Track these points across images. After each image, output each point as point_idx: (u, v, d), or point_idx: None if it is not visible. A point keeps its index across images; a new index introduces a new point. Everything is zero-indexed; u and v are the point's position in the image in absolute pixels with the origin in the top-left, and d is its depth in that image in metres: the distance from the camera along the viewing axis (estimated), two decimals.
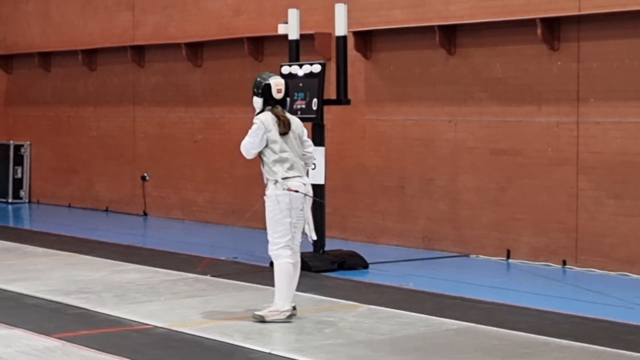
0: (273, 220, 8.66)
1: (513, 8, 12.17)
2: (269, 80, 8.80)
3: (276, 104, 8.80)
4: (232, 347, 7.82)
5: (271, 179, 8.69)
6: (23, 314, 9.17)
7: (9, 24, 20.31)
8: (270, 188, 8.69)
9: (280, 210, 8.63)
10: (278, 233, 8.64)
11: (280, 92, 8.80)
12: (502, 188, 12.44)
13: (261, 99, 8.79)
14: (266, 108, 8.79)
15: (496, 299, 9.79)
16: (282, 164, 8.69)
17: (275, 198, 8.64)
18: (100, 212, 18.15)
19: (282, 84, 8.83)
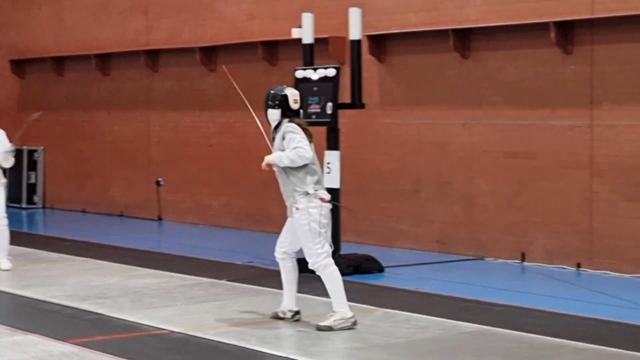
0: (310, 232, 8.51)
1: (527, 12, 12.17)
2: (285, 92, 8.71)
3: (293, 115, 8.70)
4: (249, 351, 7.83)
5: (301, 190, 8.55)
6: (39, 320, 9.18)
7: (22, 29, 20.36)
8: (302, 201, 8.53)
9: (315, 221, 8.50)
10: (319, 244, 8.52)
11: (297, 102, 8.72)
12: (516, 191, 12.43)
13: (278, 110, 8.65)
14: (284, 120, 8.66)
15: (511, 302, 9.80)
16: (312, 176, 8.59)
17: (308, 210, 8.51)
18: (115, 217, 18.18)
19: (297, 94, 8.78)
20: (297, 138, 8.49)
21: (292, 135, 8.51)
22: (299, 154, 8.44)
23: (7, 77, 20.61)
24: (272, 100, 8.69)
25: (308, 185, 8.53)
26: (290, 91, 8.74)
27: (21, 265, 12.12)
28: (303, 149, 8.45)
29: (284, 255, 8.85)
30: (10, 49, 20.56)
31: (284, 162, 8.52)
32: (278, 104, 8.65)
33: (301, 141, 8.49)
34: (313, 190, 8.53)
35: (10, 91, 20.66)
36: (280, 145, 8.61)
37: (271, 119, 8.72)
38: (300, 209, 8.52)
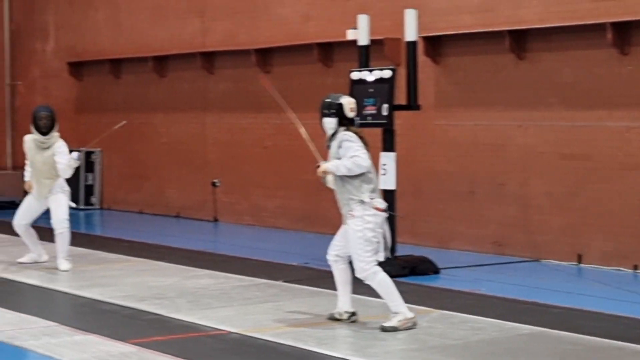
0: (363, 240, 8.50)
1: (583, 13, 12.09)
2: (340, 100, 8.71)
3: (349, 123, 8.69)
4: (306, 352, 7.87)
5: (356, 199, 8.54)
6: (98, 320, 9.29)
7: (79, 32, 20.57)
8: (357, 209, 8.53)
9: (369, 230, 8.51)
10: (368, 253, 8.52)
11: (353, 110, 8.72)
12: (572, 193, 12.36)
13: (335, 119, 8.65)
14: (340, 128, 8.67)
15: (568, 304, 9.75)
16: (368, 184, 8.59)
17: (363, 219, 8.51)
18: (171, 218, 18.31)
19: (353, 102, 8.77)
20: (354, 147, 8.52)
21: (349, 143, 8.53)
22: (356, 162, 8.46)
23: (65, 79, 20.84)
24: (328, 109, 8.70)
25: (364, 193, 8.54)
26: (346, 100, 8.75)
27: (80, 266, 12.27)
28: (360, 158, 8.47)
29: (336, 258, 8.87)
30: (68, 52, 20.79)
31: (341, 171, 8.53)
32: (334, 112, 8.66)
33: (358, 150, 8.51)
34: (369, 199, 8.54)
35: (68, 93, 20.89)
36: (336, 153, 8.63)
37: (327, 127, 8.73)
38: (355, 216, 8.53)
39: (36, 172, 12.06)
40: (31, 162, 12.10)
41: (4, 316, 9.35)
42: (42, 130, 12.00)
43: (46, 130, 12.01)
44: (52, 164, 11.96)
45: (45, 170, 11.97)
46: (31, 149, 12.09)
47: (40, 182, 12.03)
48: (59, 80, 21.09)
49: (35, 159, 12.04)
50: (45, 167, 11.97)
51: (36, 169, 12.05)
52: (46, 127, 12.00)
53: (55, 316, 9.33)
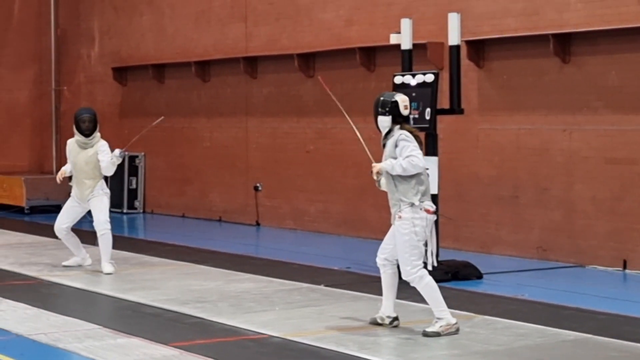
0: (410, 243, 8.46)
1: (629, 16, 11.97)
2: (395, 98, 8.65)
3: (403, 121, 8.64)
4: (348, 357, 7.84)
5: (407, 200, 8.48)
6: (141, 323, 9.33)
7: (124, 37, 20.70)
8: (406, 211, 8.46)
9: (416, 233, 8.46)
10: (415, 256, 8.47)
11: (407, 108, 8.66)
12: (618, 198, 12.23)
13: (389, 117, 8.59)
14: (395, 127, 8.61)
15: (613, 310, 9.64)
16: (420, 186, 8.52)
17: (412, 221, 8.46)
18: (214, 222, 18.36)
19: (407, 100, 8.71)
20: (411, 147, 8.45)
21: (406, 143, 8.46)
22: (412, 162, 8.39)
23: (109, 84, 20.99)
24: (382, 107, 8.65)
25: (415, 195, 8.47)
26: (400, 97, 8.69)
27: (123, 269, 12.33)
28: (417, 158, 8.41)
29: (384, 262, 8.83)
30: (112, 57, 20.93)
31: (396, 170, 8.46)
32: (389, 110, 8.60)
33: (414, 149, 8.44)
34: (419, 202, 8.47)
35: (112, 98, 21.04)
36: (392, 153, 8.56)
37: (382, 126, 8.68)
38: (403, 218, 8.47)
39: (78, 173, 12.14)
40: (73, 163, 12.19)
41: (49, 319, 9.40)
42: (84, 133, 12.11)
43: (89, 133, 12.11)
44: (95, 163, 12.05)
45: (88, 171, 12.06)
46: (74, 149, 12.19)
47: (82, 183, 12.11)
48: (104, 85, 21.24)
49: (77, 159, 12.13)
50: (87, 167, 12.06)
51: (78, 170, 12.13)
52: (89, 130, 12.10)
53: (98, 319, 9.38)
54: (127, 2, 20.63)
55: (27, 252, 14.04)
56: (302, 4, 16.51)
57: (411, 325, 8.89)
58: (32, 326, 9.03)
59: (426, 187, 8.56)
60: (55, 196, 20.19)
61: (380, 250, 8.84)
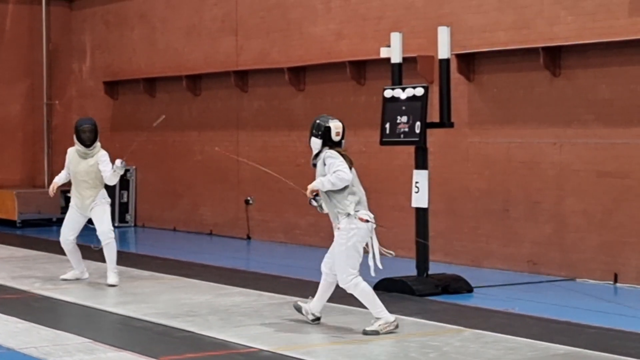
0: (346, 253, 9.03)
1: (619, 29, 12.00)
2: (328, 124, 9.21)
3: (334, 145, 9.19)
4: None
5: (343, 212, 9.02)
6: (131, 337, 9.32)
7: (115, 52, 20.72)
8: (343, 222, 9.03)
9: (352, 243, 8.99)
10: (350, 265, 9.03)
11: (339, 135, 9.24)
12: (609, 211, 12.24)
13: (320, 140, 9.20)
14: (324, 148, 9.18)
15: (604, 324, 9.62)
16: (353, 196, 9.05)
17: (348, 232, 9.00)
18: (205, 235, 18.34)
19: (340, 127, 9.27)
20: (337, 162, 9.02)
21: (332, 160, 9.06)
22: (339, 176, 8.95)
23: (100, 98, 21.00)
24: (316, 130, 9.25)
25: (349, 206, 9.01)
26: (334, 124, 9.25)
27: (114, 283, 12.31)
28: (343, 172, 8.97)
29: (328, 271, 9.41)
30: (104, 71, 20.95)
31: (326, 186, 9.06)
32: (321, 134, 9.21)
33: (340, 165, 9.00)
34: (354, 211, 8.99)
35: (104, 112, 21.02)
36: (322, 171, 9.14)
37: (313, 147, 9.31)
38: (340, 229, 9.05)
39: (78, 183, 12.10)
40: (74, 172, 12.14)
41: (39, 332, 9.37)
42: (85, 143, 12.07)
43: (89, 143, 12.07)
44: (95, 173, 12.03)
45: (88, 180, 12.03)
46: (74, 159, 12.15)
47: (83, 193, 12.08)
48: (95, 99, 21.26)
49: (77, 169, 12.09)
50: (88, 177, 12.03)
51: (78, 180, 12.09)
52: (89, 140, 12.07)
53: (89, 333, 9.33)
54: (118, 17, 20.65)
55: (18, 266, 14.01)
56: (293, 18, 16.53)
57: (402, 338, 8.87)
58: (23, 340, 9.00)
59: (360, 197, 9.10)
60: (47, 210, 20.21)
61: (325, 260, 9.43)
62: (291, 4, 16.59)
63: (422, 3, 14.34)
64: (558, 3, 12.67)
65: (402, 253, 13.96)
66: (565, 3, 12.60)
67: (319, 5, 16.06)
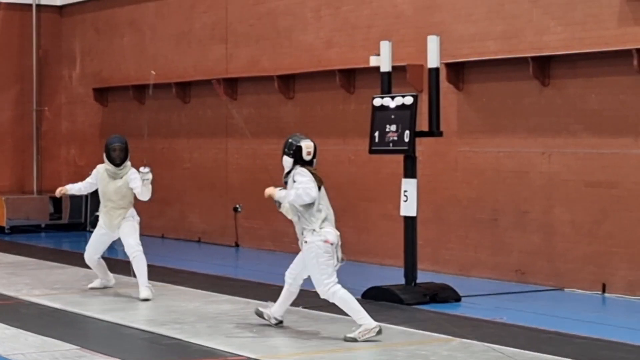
0: (318, 265, 9.18)
1: (608, 39, 12.03)
2: (300, 143, 9.38)
3: (305, 164, 9.34)
4: None
5: (309, 228, 9.21)
6: (119, 344, 9.30)
7: (105, 58, 20.71)
8: (309, 236, 9.21)
9: (321, 255, 9.14)
10: (325, 275, 9.17)
11: (310, 154, 9.41)
12: (597, 221, 12.25)
13: (292, 159, 9.38)
14: (296, 166, 9.33)
15: (592, 334, 9.62)
16: (319, 213, 9.21)
17: (316, 244, 9.16)
18: (193, 242, 18.31)
19: (312, 147, 9.45)
20: (305, 180, 9.19)
21: (300, 177, 9.23)
22: (305, 190, 9.12)
23: (90, 105, 20.99)
24: (288, 149, 9.44)
25: (315, 223, 9.20)
26: (305, 143, 9.43)
27: (102, 290, 12.31)
28: (309, 187, 9.13)
29: (292, 280, 9.68)
30: (93, 77, 20.93)
31: (288, 199, 9.24)
32: (292, 153, 9.37)
33: (308, 182, 9.17)
34: (319, 228, 9.19)
35: (93, 118, 21.03)
36: (292, 187, 9.29)
37: (285, 165, 9.48)
38: (307, 243, 9.22)
39: (107, 202, 11.83)
40: (102, 192, 11.87)
41: (27, 339, 9.34)
42: (115, 162, 11.79)
43: (119, 162, 11.80)
44: (124, 193, 11.80)
45: (117, 200, 11.77)
46: (103, 178, 11.85)
47: (112, 213, 11.82)
48: (85, 105, 21.24)
49: (107, 188, 11.82)
50: (116, 197, 11.77)
51: (107, 199, 11.83)
52: (119, 159, 11.80)
53: (76, 339, 9.30)
54: (108, 24, 20.63)
55: (6, 272, 13.98)
56: (283, 26, 16.54)
57: (390, 347, 8.86)
58: (10, 346, 8.98)
59: (326, 214, 9.28)
60: (36, 216, 20.19)
61: (290, 269, 9.68)
62: (281, 12, 16.60)
63: (412, 12, 14.36)
64: (547, 13, 12.70)
65: (390, 262, 14.03)
66: (554, 13, 12.63)
67: (309, 14, 16.07)
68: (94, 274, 12.42)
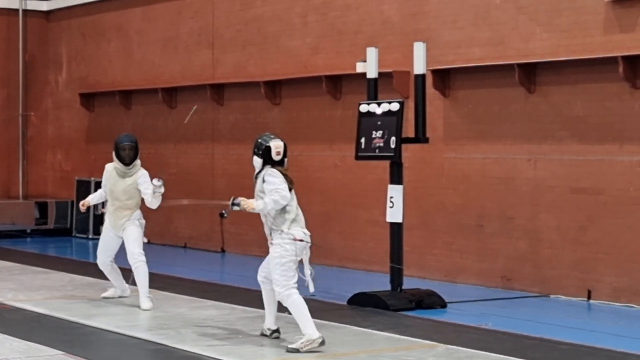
0: (279, 266, 9.13)
1: (594, 46, 12.07)
2: (269, 143, 9.27)
3: (275, 164, 9.26)
4: None
5: (277, 229, 9.19)
6: (104, 349, 9.28)
7: (91, 64, 20.68)
8: (276, 237, 9.20)
9: (284, 257, 9.12)
10: (284, 276, 9.12)
11: (279, 154, 9.30)
12: (583, 227, 12.28)
13: (261, 160, 9.27)
14: (266, 166, 9.25)
15: (577, 340, 9.64)
16: (288, 214, 9.18)
17: (282, 246, 9.14)
18: (179, 248, 18.28)
19: (281, 146, 9.33)
20: (276, 182, 9.12)
21: (271, 179, 9.15)
22: (280, 195, 9.06)
23: (76, 109, 20.96)
24: (257, 149, 9.31)
25: (284, 223, 9.16)
26: (274, 143, 9.30)
27: (87, 296, 12.26)
28: (282, 191, 9.07)
29: (264, 279, 9.57)
30: (80, 82, 20.91)
31: (267, 208, 9.17)
32: (261, 153, 9.28)
33: (280, 184, 9.11)
34: (287, 229, 9.15)
35: (79, 123, 20.99)
36: (261, 187, 9.24)
37: (255, 165, 9.37)
38: (274, 244, 9.20)
39: (114, 202, 11.54)
40: (110, 190, 11.58)
41: (12, 344, 9.31)
42: (125, 161, 11.53)
43: (129, 161, 11.54)
44: (132, 193, 11.53)
45: (124, 200, 11.50)
46: (112, 177, 11.57)
47: (118, 213, 11.54)
48: (71, 110, 21.21)
49: (115, 187, 11.53)
50: (124, 196, 11.50)
51: (114, 198, 11.54)
52: (129, 158, 11.55)
53: (61, 345, 9.27)
54: (95, 29, 20.60)
55: None
56: (269, 32, 16.54)
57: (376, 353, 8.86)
58: None
59: (295, 215, 9.22)
60: (21, 221, 20.14)
61: (260, 269, 9.64)
62: (268, 18, 16.61)
63: (398, 18, 14.38)
64: (533, 20, 12.74)
65: (376, 268, 14.02)
66: (540, 20, 12.67)
67: (296, 20, 16.08)
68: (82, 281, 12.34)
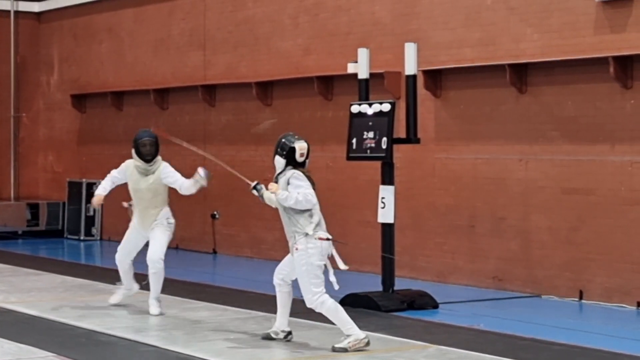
0: (308, 273, 8.94)
1: (585, 46, 12.09)
2: (294, 144, 9.12)
3: (298, 165, 9.12)
4: None
5: (301, 232, 8.99)
6: (95, 351, 9.25)
7: (83, 65, 20.65)
8: (301, 242, 8.99)
9: (312, 263, 8.93)
10: (314, 284, 8.95)
11: (303, 155, 9.16)
12: (574, 228, 12.30)
13: (284, 160, 9.13)
14: (287, 168, 9.10)
15: (569, 341, 9.65)
16: (312, 217, 9.02)
17: (307, 251, 8.95)
18: (171, 249, 18.03)
19: (305, 148, 9.19)
20: (303, 185, 8.98)
21: (297, 182, 9.00)
22: (306, 198, 8.92)
23: (68, 111, 20.93)
24: (281, 149, 9.16)
25: (309, 225, 8.98)
26: (299, 144, 9.16)
27: (79, 297, 12.25)
28: (309, 194, 8.94)
29: (281, 282, 9.41)
30: (71, 84, 20.88)
31: (289, 202, 8.98)
32: (285, 154, 9.12)
33: (308, 188, 8.97)
34: (312, 232, 8.97)
35: (71, 125, 20.96)
36: (285, 188, 9.06)
37: (276, 165, 9.21)
38: (299, 249, 9.00)
39: (140, 202, 11.12)
40: (133, 190, 11.16)
41: (2, 346, 9.28)
42: (145, 158, 11.03)
43: (150, 158, 11.03)
44: (156, 190, 11.07)
45: (150, 198, 11.06)
46: (133, 175, 11.13)
47: (145, 213, 11.12)
48: (62, 112, 21.17)
49: (138, 186, 11.11)
50: (149, 195, 11.06)
51: (140, 198, 11.11)
52: (150, 154, 11.03)
53: (53, 347, 9.26)
54: (86, 30, 20.58)
55: None
56: (261, 33, 16.54)
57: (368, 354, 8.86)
58: None
59: (319, 219, 9.07)
60: (13, 223, 20.10)
61: (277, 271, 9.45)
62: (259, 19, 16.60)
63: (390, 19, 14.39)
64: (524, 20, 12.76)
65: (368, 268, 14.01)
66: (531, 20, 12.68)
67: (287, 21, 16.08)
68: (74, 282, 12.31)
